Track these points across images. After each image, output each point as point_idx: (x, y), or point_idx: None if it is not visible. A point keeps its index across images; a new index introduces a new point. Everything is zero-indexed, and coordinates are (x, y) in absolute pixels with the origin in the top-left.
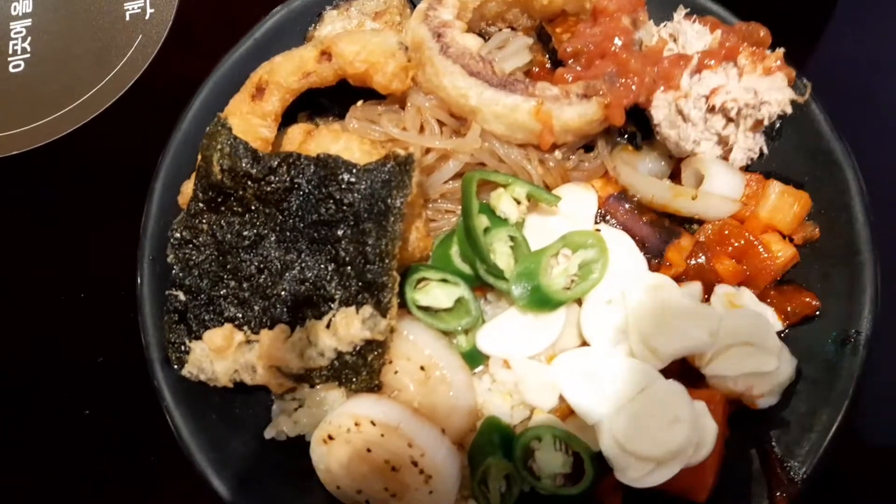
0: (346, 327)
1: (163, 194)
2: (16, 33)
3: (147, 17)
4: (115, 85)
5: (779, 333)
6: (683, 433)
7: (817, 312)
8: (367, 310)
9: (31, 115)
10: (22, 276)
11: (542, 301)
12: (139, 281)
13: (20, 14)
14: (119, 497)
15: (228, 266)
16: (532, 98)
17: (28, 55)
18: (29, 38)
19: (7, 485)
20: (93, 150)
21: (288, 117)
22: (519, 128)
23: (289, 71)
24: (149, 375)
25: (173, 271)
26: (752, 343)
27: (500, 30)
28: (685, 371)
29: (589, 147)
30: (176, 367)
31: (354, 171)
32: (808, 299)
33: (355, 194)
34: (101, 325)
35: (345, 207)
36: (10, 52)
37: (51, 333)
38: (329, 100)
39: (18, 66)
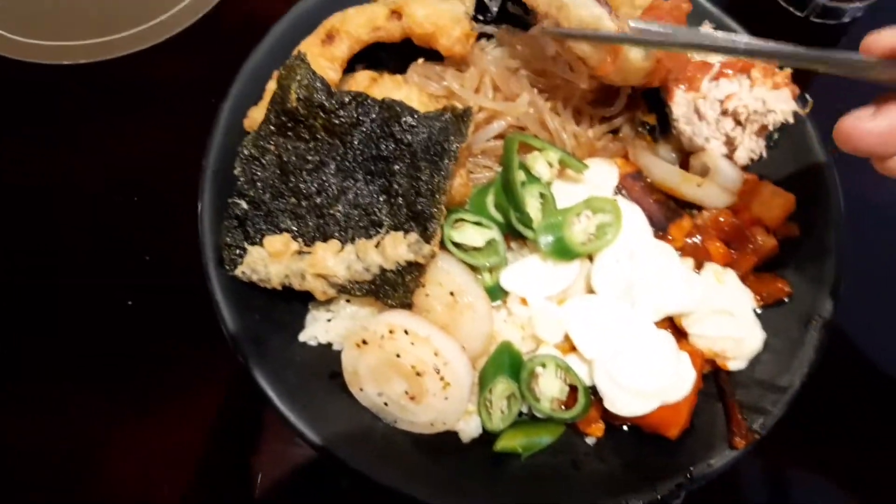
0: (393, 248)
1: (229, 116)
2: None
3: None
4: (187, 12)
5: (754, 311)
6: (668, 373)
7: (787, 298)
8: (414, 236)
9: (102, 28)
10: (76, 181)
11: (562, 251)
12: (202, 189)
13: None
14: (163, 383)
15: (290, 184)
16: (617, 20)
17: None
18: None
19: (41, 373)
20: (160, 70)
21: (347, 68)
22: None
23: (360, 23)
24: (194, 276)
25: (238, 183)
26: (731, 313)
27: None
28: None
29: (613, 132)
30: (228, 267)
31: (416, 115)
32: (781, 286)
33: (414, 136)
34: (150, 227)
35: (403, 146)
36: None
37: (103, 231)
38: (387, 54)
39: None
